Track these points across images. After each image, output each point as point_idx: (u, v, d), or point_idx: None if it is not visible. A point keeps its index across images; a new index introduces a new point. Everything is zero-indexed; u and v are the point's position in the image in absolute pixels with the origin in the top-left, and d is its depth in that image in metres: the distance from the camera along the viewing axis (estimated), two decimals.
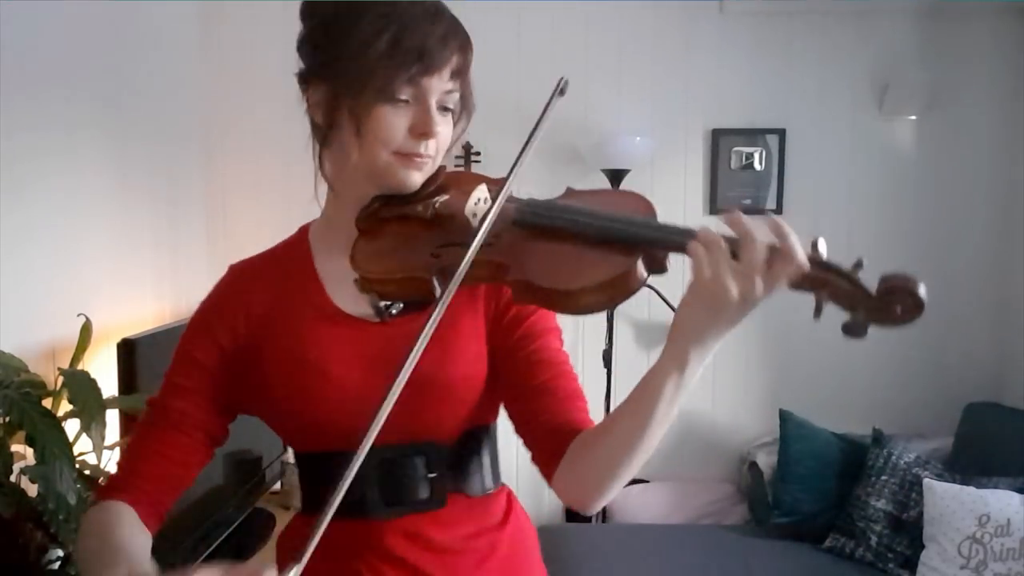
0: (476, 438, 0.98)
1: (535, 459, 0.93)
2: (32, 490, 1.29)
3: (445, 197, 0.90)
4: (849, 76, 2.87)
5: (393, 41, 0.83)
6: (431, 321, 0.75)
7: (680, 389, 0.78)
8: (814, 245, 0.74)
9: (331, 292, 0.95)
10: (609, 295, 0.78)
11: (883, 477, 2.49)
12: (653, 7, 2.83)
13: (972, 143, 2.87)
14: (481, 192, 0.90)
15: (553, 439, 0.89)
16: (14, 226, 1.66)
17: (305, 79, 0.92)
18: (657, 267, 0.78)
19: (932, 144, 2.88)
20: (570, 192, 0.91)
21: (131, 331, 1.70)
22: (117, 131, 2.12)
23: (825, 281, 0.72)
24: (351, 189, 0.93)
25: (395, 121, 0.86)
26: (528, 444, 0.93)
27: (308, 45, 0.91)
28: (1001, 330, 2.83)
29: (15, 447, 1.33)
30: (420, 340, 0.75)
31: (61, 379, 1.37)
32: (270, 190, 2.85)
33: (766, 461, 2.76)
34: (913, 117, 2.88)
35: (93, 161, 2.01)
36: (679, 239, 0.75)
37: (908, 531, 2.41)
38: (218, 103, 2.78)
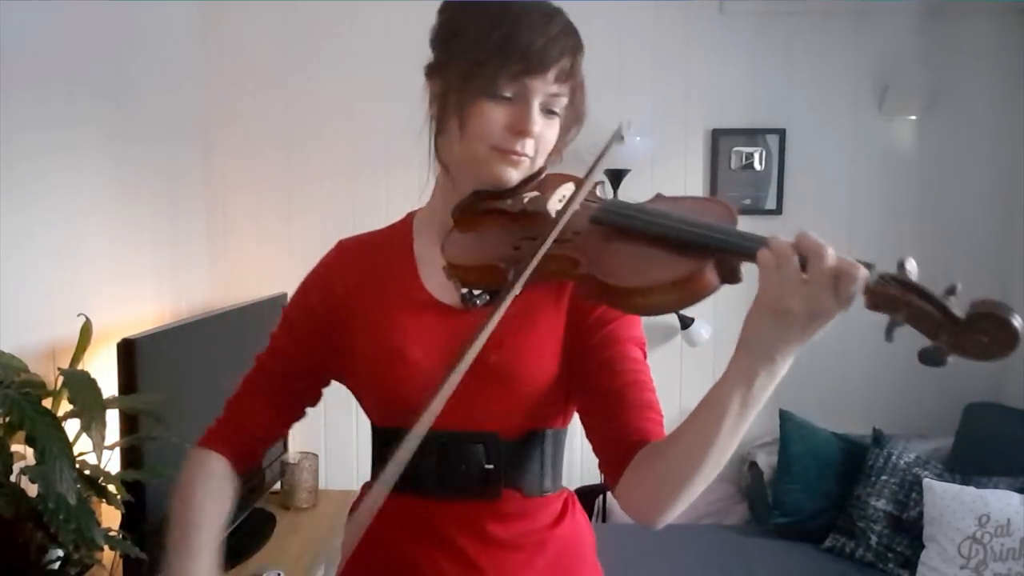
0: (539, 438, 0.98)
1: (601, 466, 0.93)
2: (32, 490, 1.29)
3: (535, 194, 0.92)
4: (849, 76, 2.87)
5: (503, 39, 0.86)
6: (500, 308, 0.77)
7: (748, 406, 0.75)
8: (900, 264, 0.69)
9: (424, 277, 0.99)
10: (674, 297, 0.76)
11: (883, 477, 2.49)
12: (653, 7, 2.83)
13: (972, 143, 2.87)
14: (566, 189, 0.92)
15: (619, 448, 0.89)
16: (14, 226, 1.66)
17: (428, 73, 0.95)
18: (731, 276, 0.76)
19: (932, 144, 2.88)
20: (659, 197, 0.92)
21: (131, 331, 1.70)
22: (117, 131, 2.12)
23: (905, 303, 0.67)
24: (454, 182, 0.96)
25: (495, 116, 0.88)
26: (595, 450, 0.94)
27: (435, 40, 0.95)
28: None
29: (15, 447, 1.32)
30: (487, 324, 0.77)
31: (61, 379, 1.36)
32: (270, 190, 2.85)
33: (766, 461, 2.77)
34: (913, 117, 2.88)
35: (93, 161, 2.01)
36: (748, 245, 0.73)
37: (908, 531, 2.41)
38: (218, 103, 2.78)
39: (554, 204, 0.90)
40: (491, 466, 0.94)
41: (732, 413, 0.75)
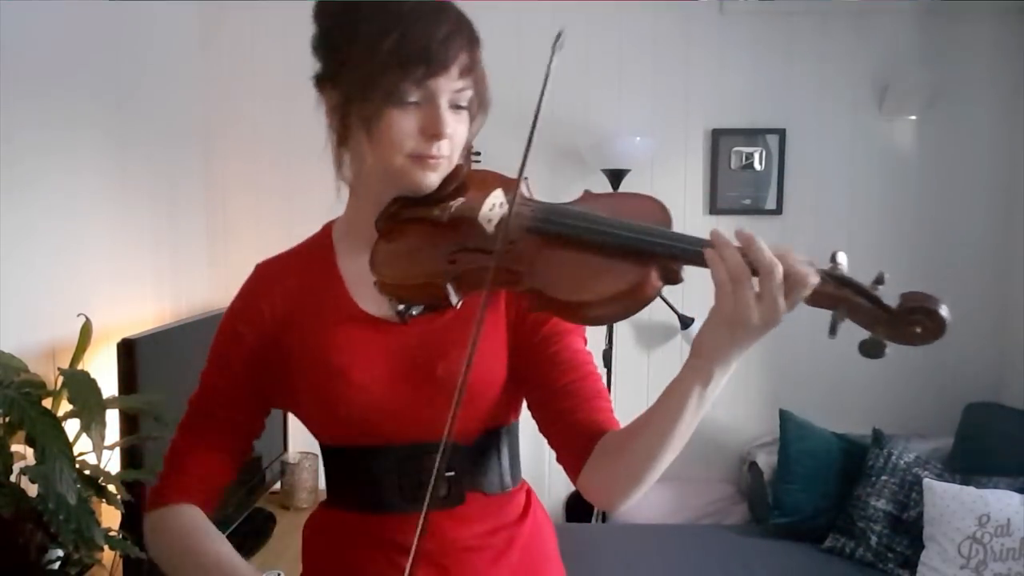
0: (495, 437, 0.98)
1: (560, 459, 0.94)
2: (32, 490, 1.29)
3: (461, 200, 0.89)
4: (849, 76, 2.86)
5: (397, 43, 0.83)
6: (476, 333, 0.77)
7: (704, 401, 0.79)
8: (833, 258, 0.73)
9: (353, 293, 0.96)
10: (622, 306, 0.77)
11: (883, 477, 2.49)
12: (653, 7, 2.83)
13: (972, 143, 2.87)
14: (496, 197, 0.89)
15: (578, 441, 0.90)
16: (14, 226, 1.66)
17: (319, 83, 0.93)
18: (672, 278, 0.78)
19: (932, 144, 2.88)
20: (587, 195, 0.90)
21: (131, 331, 1.70)
22: (117, 131, 2.12)
23: (843, 298, 0.71)
24: (370, 191, 0.94)
25: (405, 124, 0.86)
26: (553, 445, 0.95)
27: (319, 49, 0.92)
28: (1001, 330, 2.83)
29: (15, 447, 1.32)
30: (469, 357, 0.77)
31: (61, 379, 1.36)
32: (270, 190, 2.85)
33: (766, 461, 2.76)
34: (913, 117, 2.88)
35: (93, 161, 2.01)
36: (693, 252, 0.74)
37: (908, 531, 2.41)
38: (218, 103, 2.78)
39: (485, 212, 0.86)
40: (452, 473, 0.93)
41: (690, 409, 0.79)
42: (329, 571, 0.99)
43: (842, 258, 0.72)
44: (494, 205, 0.87)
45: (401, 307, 0.89)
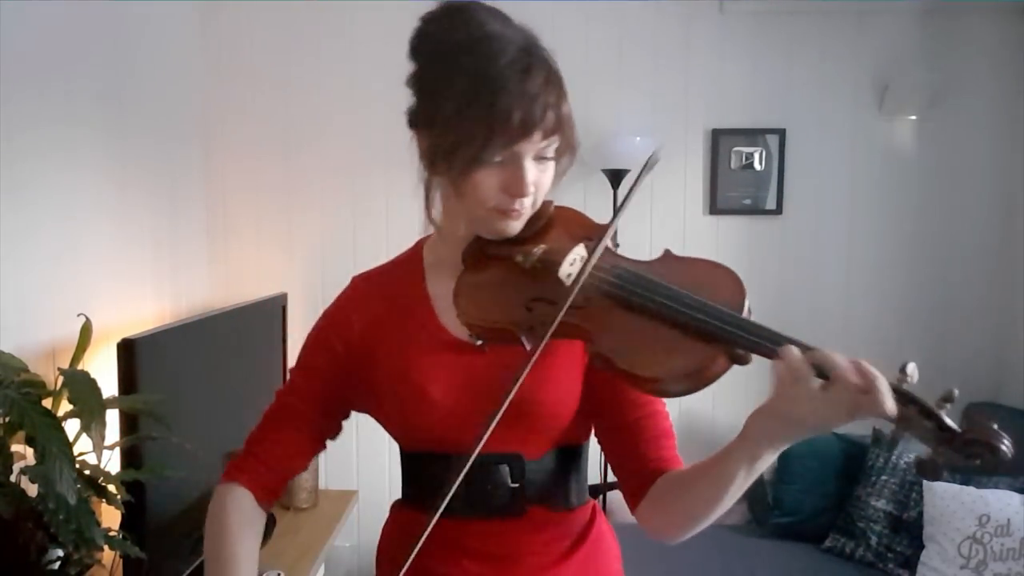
0: (564, 457, 1.01)
1: (621, 489, 1.00)
2: (32, 490, 1.29)
3: (543, 248, 0.91)
4: (849, 76, 2.87)
5: (486, 109, 0.83)
6: (522, 373, 0.82)
7: (752, 473, 0.83)
8: (903, 369, 0.72)
9: (440, 315, 1.00)
10: (687, 385, 0.79)
11: (883, 477, 2.49)
12: (653, 7, 2.83)
13: (972, 143, 2.87)
14: (578, 252, 0.91)
15: (639, 477, 0.96)
16: (14, 226, 1.66)
17: (410, 124, 0.94)
18: (740, 361, 0.79)
19: (932, 144, 2.88)
20: (667, 256, 0.92)
21: (131, 331, 1.69)
22: (117, 131, 2.12)
23: (909, 420, 0.70)
24: (456, 225, 0.97)
25: (488, 182, 0.88)
26: (616, 475, 1.01)
27: (413, 92, 0.93)
28: (1001, 330, 2.83)
29: (15, 447, 1.32)
30: (515, 382, 0.82)
31: (61, 379, 1.36)
32: (270, 190, 2.85)
33: None
34: (913, 117, 2.88)
35: (93, 161, 2.01)
36: (767, 349, 0.76)
37: (908, 531, 2.41)
38: (218, 102, 2.78)
39: (566, 269, 0.89)
40: (516, 485, 0.97)
41: (738, 481, 0.84)
42: (401, 566, 1.02)
43: (912, 370, 0.71)
44: (575, 260, 0.90)
45: (480, 341, 0.94)
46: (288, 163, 2.84)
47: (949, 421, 0.69)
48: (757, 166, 2.89)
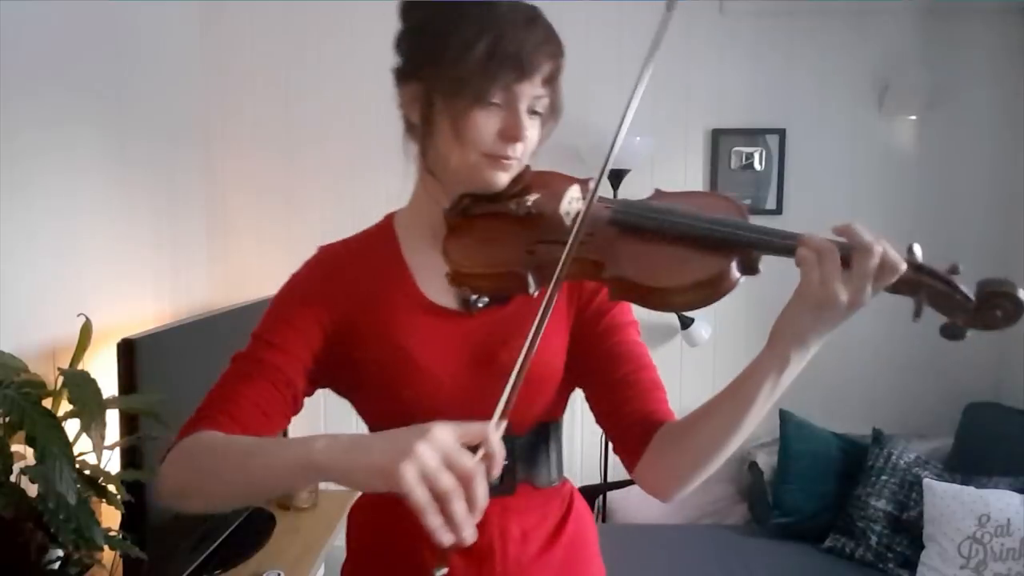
0: (546, 431, 1.02)
1: (618, 449, 0.97)
2: (32, 490, 1.29)
3: (536, 196, 0.92)
4: (849, 76, 2.87)
5: (491, 47, 0.85)
6: (541, 316, 0.77)
7: (778, 387, 0.80)
8: (910, 249, 0.76)
9: (421, 284, 0.98)
10: (704, 295, 0.79)
11: (883, 477, 2.49)
12: (653, 7, 2.81)
13: (972, 143, 2.87)
14: (574, 192, 0.92)
15: (636, 431, 0.93)
16: (14, 226, 1.66)
17: (401, 76, 0.94)
18: (750, 269, 0.80)
19: (932, 144, 2.88)
20: (659, 194, 0.93)
21: (131, 331, 1.70)
22: (117, 131, 2.12)
23: (924, 284, 0.74)
24: (438, 186, 0.96)
25: (487, 124, 0.88)
26: (611, 435, 0.98)
27: (405, 44, 0.94)
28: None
29: (15, 447, 1.32)
30: (532, 335, 0.77)
31: (61, 379, 1.36)
32: (270, 190, 2.85)
33: (766, 461, 2.76)
34: (913, 117, 2.88)
35: (93, 161, 2.01)
36: (786, 243, 0.76)
37: (908, 531, 2.41)
38: (218, 103, 2.78)
39: (564, 206, 0.90)
40: (506, 462, 0.95)
41: (763, 395, 0.80)
42: (375, 556, 1.00)
43: (917, 249, 0.76)
44: (572, 199, 0.91)
45: (472, 297, 0.93)
46: (288, 163, 2.84)
47: (962, 285, 0.73)
48: (757, 166, 2.89)
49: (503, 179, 0.92)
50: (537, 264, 0.85)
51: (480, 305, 0.96)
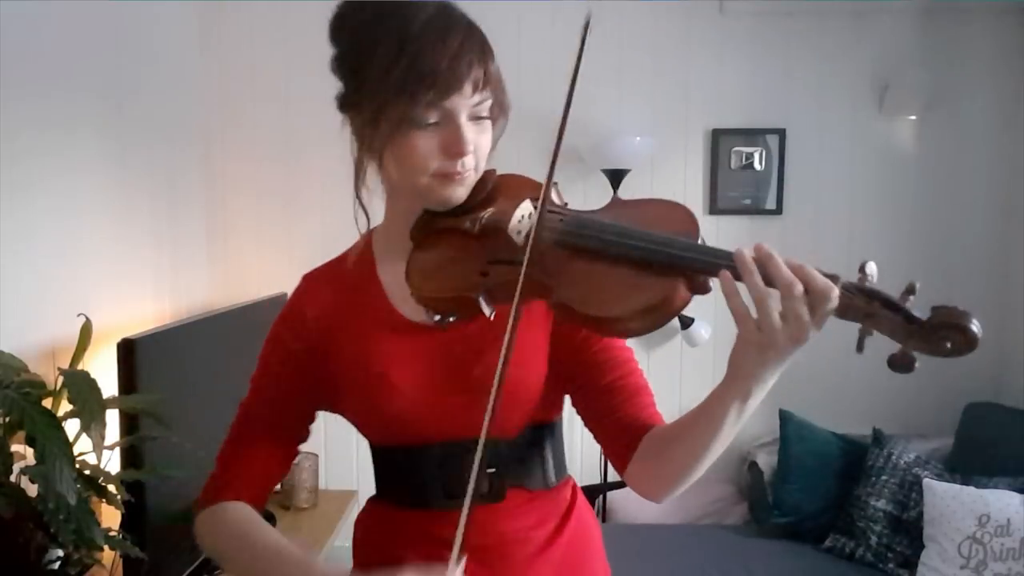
0: (537, 434, 1.01)
1: (607, 453, 0.98)
2: (32, 490, 1.29)
3: (491, 211, 0.90)
4: (849, 76, 2.87)
5: (406, 70, 0.83)
6: (507, 348, 0.79)
7: (743, 414, 0.81)
8: (862, 268, 0.71)
9: (392, 299, 0.99)
10: (651, 320, 0.77)
11: (883, 477, 2.49)
12: (653, 7, 2.83)
13: (972, 143, 2.87)
14: (525, 208, 0.90)
15: (624, 436, 0.94)
16: (14, 226, 1.66)
17: (340, 105, 0.94)
18: (700, 288, 0.78)
19: (932, 144, 2.88)
20: (615, 202, 0.93)
21: (131, 331, 1.70)
22: (117, 131, 2.12)
23: (871, 312, 0.70)
24: (401, 204, 0.96)
25: (426, 144, 0.86)
26: (600, 440, 0.99)
27: (337, 71, 0.94)
28: (1001, 330, 2.83)
29: (15, 447, 1.32)
30: (500, 365, 0.79)
31: (61, 379, 1.36)
32: (270, 190, 2.85)
33: (766, 461, 2.77)
34: (913, 117, 2.88)
35: (93, 161, 2.01)
36: (716, 263, 0.74)
37: (908, 531, 2.41)
38: (218, 103, 2.78)
39: (515, 224, 0.88)
40: (492, 470, 0.95)
41: (728, 422, 0.81)
42: (378, 564, 1.00)
43: (871, 268, 0.71)
44: (523, 216, 0.88)
45: (437, 316, 0.92)
46: (288, 163, 2.84)
47: (914, 311, 0.68)
48: (757, 166, 2.89)
49: (460, 193, 0.91)
50: (489, 287, 0.85)
51: (450, 319, 0.93)
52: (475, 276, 0.86)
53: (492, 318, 0.86)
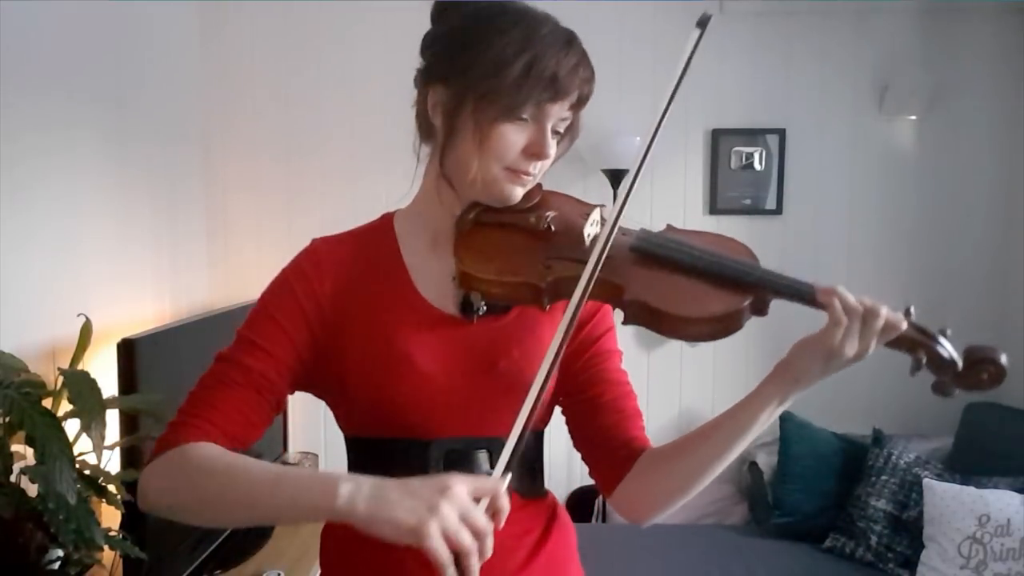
0: (534, 441, 1.01)
1: (595, 473, 0.99)
2: (32, 490, 1.29)
3: (555, 213, 0.94)
4: (849, 76, 2.87)
5: (529, 65, 0.86)
6: (564, 335, 0.80)
7: (773, 417, 0.87)
8: (907, 312, 0.83)
9: (418, 284, 0.96)
10: (716, 329, 0.84)
11: (883, 477, 2.49)
12: (653, 7, 2.83)
13: (972, 143, 2.87)
14: (597, 214, 0.96)
15: (616, 456, 0.96)
16: (14, 226, 1.66)
17: (428, 77, 0.94)
18: (761, 311, 0.85)
19: (932, 144, 2.88)
20: (671, 229, 0.96)
21: (131, 331, 1.70)
22: (117, 131, 2.12)
23: (923, 344, 0.82)
24: (450, 192, 0.95)
25: (513, 138, 0.89)
26: (588, 458, 1.00)
27: (439, 47, 0.93)
28: (1001, 330, 2.83)
29: (15, 447, 1.33)
30: (554, 355, 0.80)
31: (61, 379, 1.36)
32: (270, 190, 2.85)
33: (766, 461, 2.76)
34: (913, 117, 2.88)
35: (93, 161, 2.01)
36: (805, 292, 0.83)
37: (908, 531, 2.41)
38: (218, 103, 2.78)
39: (588, 228, 0.93)
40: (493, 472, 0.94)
41: (760, 422, 0.86)
42: (356, 572, 0.98)
43: (913, 311, 0.84)
44: (595, 221, 0.95)
45: (481, 303, 0.93)
46: (288, 164, 2.84)
47: (951, 349, 0.82)
48: (757, 166, 2.89)
49: (518, 193, 0.93)
50: (555, 279, 0.87)
51: (480, 313, 0.94)
52: (539, 266, 0.89)
53: (547, 310, 0.89)
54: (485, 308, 0.95)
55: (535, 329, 0.96)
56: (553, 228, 0.92)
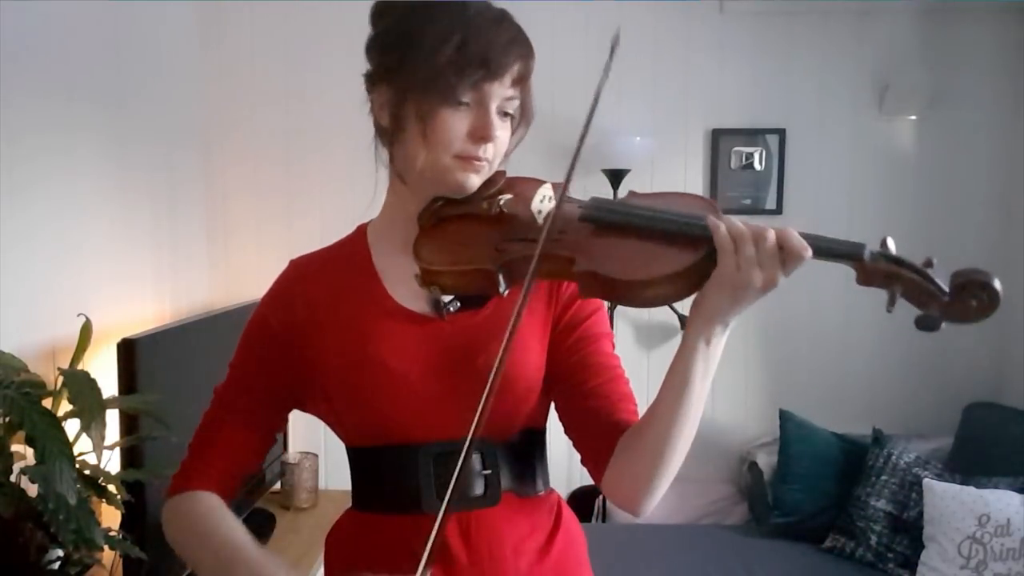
0: (530, 439, 1.00)
1: (585, 461, 0.96)
2: (32, 490, 1.29)
3: (508, 196, 0.92)
4: (849, 76, 2.87)
5: (459, 46, 0.86)
6: (516, 316, 0.78)
7: (709, 363, 0.83)
8: (883, 243, 0.78)
9: (390, 287, 0.97)
10: (677, 287, 0.79)
11: (883, 477, 2.49)
12: (653, 7, 2.83)
13: (972, 143, 2.87)
14: (546, 191, 0.92)
15: (602, 441, 0.92)
16: (14, 226, 1.66)
17: (372, 81, 0.96)
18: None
19: (932, 144, 2.88)
20: (633, 194, 0.93)
21: (131, 331, 1.70)
22: (117, 132, 2.12)
23: (896, 276, 0.75)
24: (412, 190, 0.96)
25: (456, 124, 0.88)
26: (578, 446, 0.97)
27: (377, 47, 0.95)
28: (1001, 330, 2.83)
29: (15, 447, 1.32)
30: (507, 336, 0.77)
31: (61, 379, 1.36)
32: (270, 190, 2.85)
33: (766, 461, 2.76)
34: (913, 117, 2.88)
35: (93, 161, 2.01)
36: (698, 226, 0.78)
37: (908, 531, 2.41)
38: (218, 103, 2.78)
39: (536, 204, 0.90)
40: (488, 472, 0.94)
41: (698, 373, 0.82)
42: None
43: (891, 242, 0.78)
44: (544, 197, 0.91)
45: (445, 298, 0.92)
46: (288, 164, 2.84)
47: (935, 277, 0.74)
48: (757, 166, 2.89)
49: (474, 181, 0.92)
50: (506, 261, 0.85)
51: (452, 309, 0.94)
52: (491, 250, 0.86)
53: (505, 295, 0.87)
54: (458, 304, 0.94)
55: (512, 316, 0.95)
56: (506, 211, 0.90)
